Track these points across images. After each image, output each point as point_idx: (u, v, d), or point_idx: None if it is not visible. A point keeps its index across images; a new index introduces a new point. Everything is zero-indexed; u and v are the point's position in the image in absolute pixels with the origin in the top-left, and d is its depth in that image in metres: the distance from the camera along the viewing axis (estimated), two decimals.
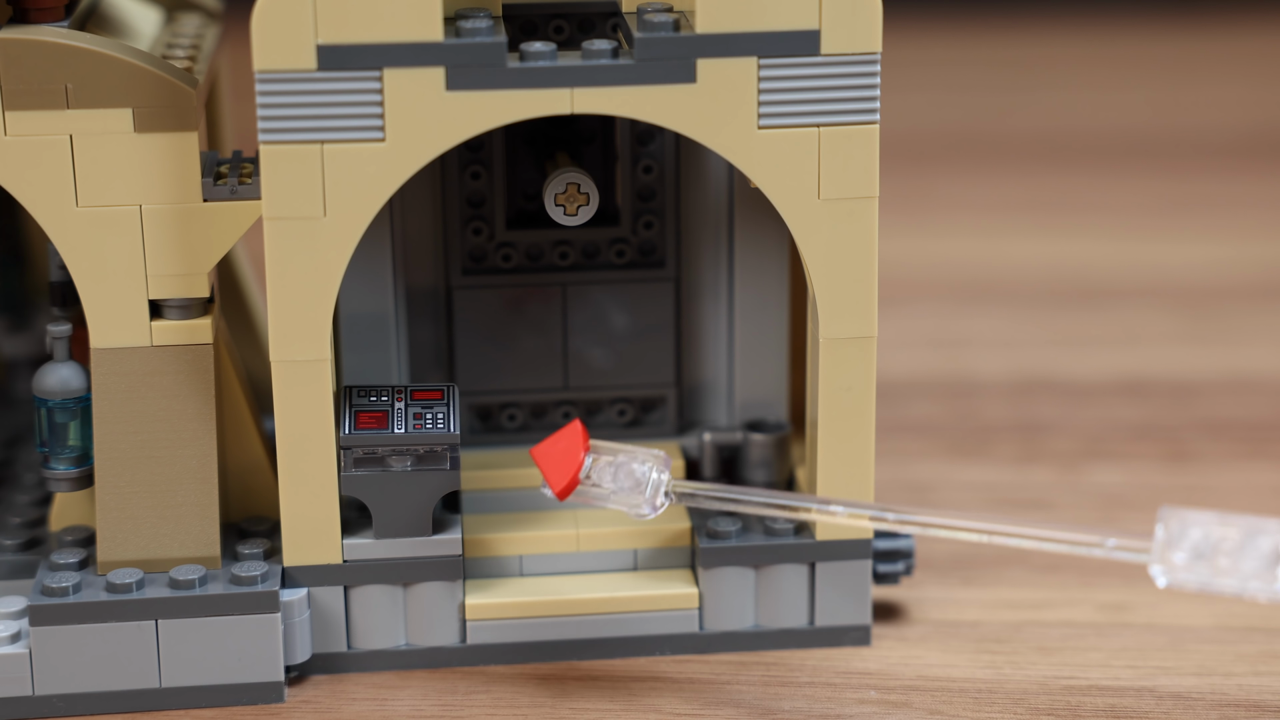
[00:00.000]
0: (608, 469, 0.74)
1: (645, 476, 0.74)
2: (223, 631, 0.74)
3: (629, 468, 0.74)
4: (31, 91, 0.72)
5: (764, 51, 0.72)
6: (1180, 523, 0.68)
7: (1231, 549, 0.67)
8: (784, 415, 0.83)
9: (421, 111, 0.71)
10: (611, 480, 0.74)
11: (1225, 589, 0.67)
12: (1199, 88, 1.67)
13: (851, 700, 0.75)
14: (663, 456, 0.74)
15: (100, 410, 0.75)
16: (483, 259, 0.81)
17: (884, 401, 0.80)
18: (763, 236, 0.81)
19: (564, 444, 0.74)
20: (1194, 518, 0.68)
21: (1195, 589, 0.68)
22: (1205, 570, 0.67)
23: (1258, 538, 0.67)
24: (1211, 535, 0.68)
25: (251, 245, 0.83)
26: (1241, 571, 0.67)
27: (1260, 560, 0.67)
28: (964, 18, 1.86)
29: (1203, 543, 0.68)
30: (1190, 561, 0.68)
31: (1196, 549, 0.68)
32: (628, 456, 0.74)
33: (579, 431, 0.74)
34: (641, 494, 0.74)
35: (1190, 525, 0.68)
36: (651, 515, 0.74)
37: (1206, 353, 1.10)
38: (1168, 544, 0.68)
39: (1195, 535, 0.68)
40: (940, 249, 1.28)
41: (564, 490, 0.74)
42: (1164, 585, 0.68)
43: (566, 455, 0.74)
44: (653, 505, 0.74)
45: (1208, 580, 0.67)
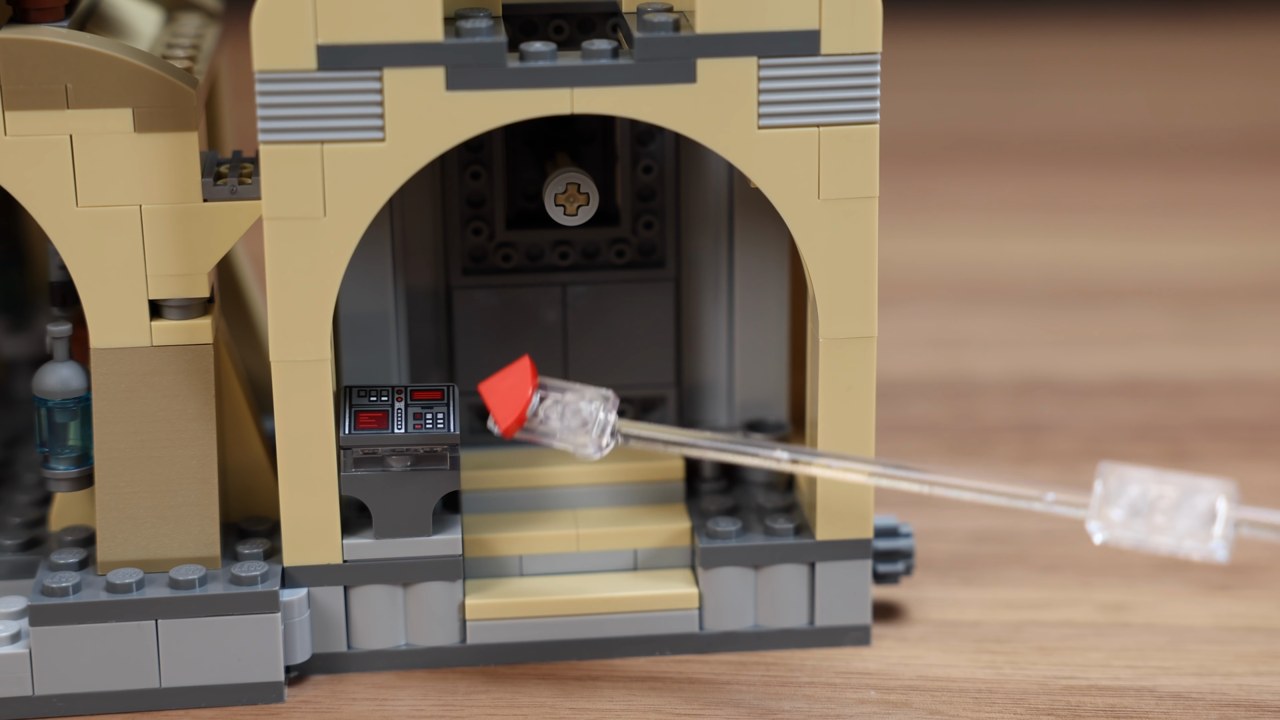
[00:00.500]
0: (555, 407, 0.74)
1: (592, 416, 0.73)
2: (223, 631, 0.74)
3: (576, 406, 0.73)
4: (31, 91, 0.72)
5: (764, 51, 0.72)
6: (1119, 479, 0.68)
7: (1168, 507, 0.67)
8: (784, 415, 0.83)
9: (421, 111, 0.71)
10: (559, 419, 0.74)
11: (1161, 546, 0.67)
12: (1199, 88, 1.67)
13: (851, 700, 0.75)
14: (610, 395, 0.74)
15: (100, 410, 0.75)
16: (483, 259, 0.81)
17: (884, 401, 0.80)
18: (763, 236, 0.81)
19: (512, 380, 0.73)
20: (1132, 474, 0.68)
21: (1131, 545, 0.68)
22: (1142, 527, 0.68)
23: (1194, 496, 0.67)
24: (1149, 493, 0.68)
25: (251, 245, 0.83)
26: (1177, 529, 0.67)
27: (1196, 518, 0.67)
28: (964, 18, 1.86)
29: (1140, 500, 0.68)
30: (1127, 518, 0.68)
31: (1134, 506, 0.68)
32: (575, 395, 0.74)
33: (527, 368, 0.73)
34: (588, 433, 0.73)
35: (1128, 482, 0.68)
36: (596, 456, 0.73)
37: (1206, 353, 1.10)
38: (1105, 500, 0.68)
39: (1133, 492, 0.68)
40: (940, 249, 1.28)
41: (510, 427, 0.73)
42: (1100, 541, 0.68)
43: (514, 392, 0.73)
44: (598, 445, 0.73)
45: (1143, 537, 0.67)
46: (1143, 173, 1.44)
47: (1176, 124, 1.57)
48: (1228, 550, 0.67)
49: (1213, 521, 0.67)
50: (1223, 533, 0.67)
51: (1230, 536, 0.67)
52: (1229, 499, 0.67)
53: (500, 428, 0.73)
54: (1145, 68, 1.73)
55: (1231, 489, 0.67)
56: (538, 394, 0.74)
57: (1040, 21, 1.85)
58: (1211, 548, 0.67)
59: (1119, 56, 1.76)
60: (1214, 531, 0.67)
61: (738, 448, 0.73)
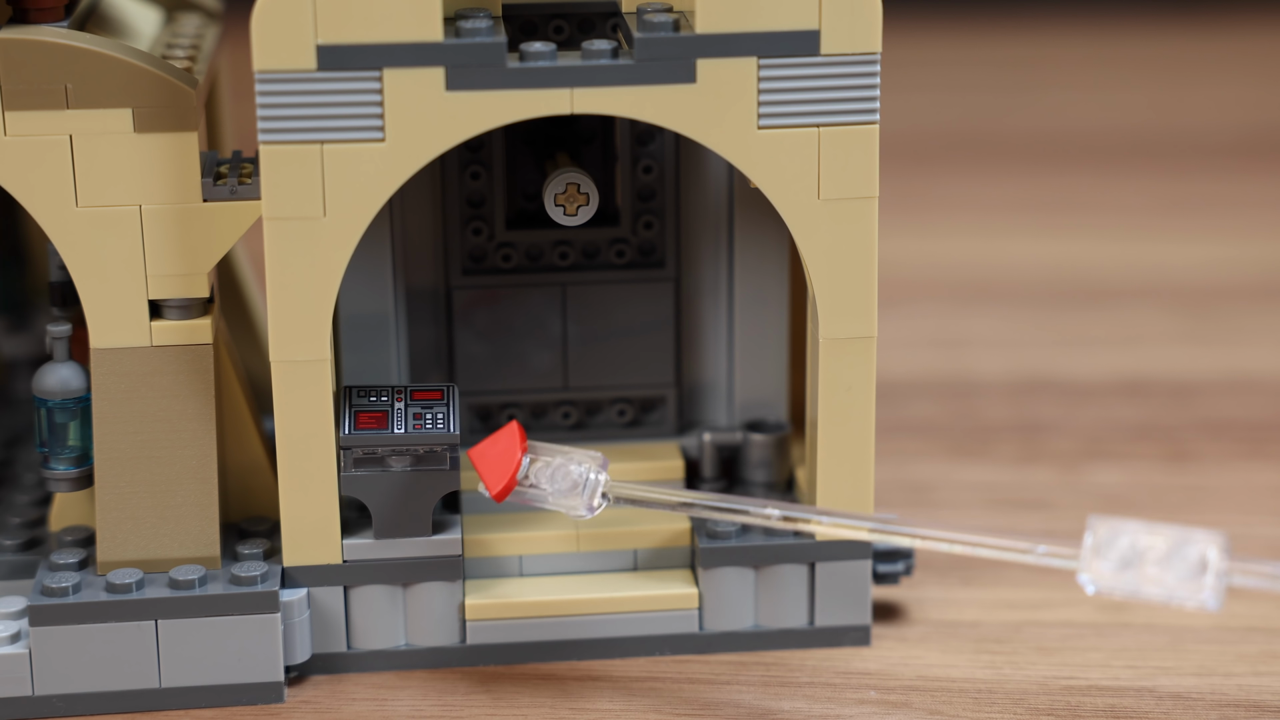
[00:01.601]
0: (545, 470, 0.74)
1: (582, 478, 0.74)
2: (223, 631, 0.74)
3: (566, 469, 0.74)
4: (31, 91, 0.72)
5: (764, 51, 0.72)
6: (1109, 530, 0.69)
7: (1158, 558, 0.68)
8: (784, 415, 0.83)
9: (421, 111, 0.71)
10: (549, 482, 0.74)
11: (1153, 596, 0.68)
12: (1199, 88, 1.67)
13: (851, 700, 0.75)
14: (599, 458, 0.74)
15: (100, 410, 0.75)
16: (483, 259, 0.81)
17: (884, 401, 0.80)
18: (763, 236, 0.81)
19: (501, 445, 0.74)
20: (1122, 526, 0.69)
21: (1124, 596, 0.69)
22: (1133, 578, 0.68)
23: (1185, 547, 0.68)
24: (1139, 543, 0.68)
25: (251, 245, 0.83)
26: (1168, 581, 0.68)
27: (1187, 569, 0.68)
28: (964, 18, 1.86)
29: (1130, 551, 0.68)
30: (1118, 570, 0.68)
31: (1124, 558, 0.69)
32: (565, 458, 0.74)
33: (515, 433, 0.74)
34: (579, 495, 0.74)
35: (1119, 534, 0.69)
36: (588, 516, 0.74)
37: (1206, 353, 1.10)
38: (1095, 551, 0.69)
39: (1123, 543, 0.69)
40: (940, 249, 1.28)
41: (501, 492, 0.73)
42: (1092, 593, 0.69)
43: (503, 457, 0.74)
44: (589, 506, 0.74)
45: (1135, 588, 0.68)
46: (1143, 173, 1.44)
47: (1177, 124, 1.57)
48: (1219, 600, 0.67)
49: (1204, 572, 0.68)
50: (1214, 583, 0.67)
51: (1221, 587, 0.67)
52: (1220, 549, 0.68)
53: (490, 492, 0.74)
54: (1145, 68, 1.73)
55: (1222, 540, 0.68)
56: (527, 457, 0.74)
57: (1040, 21, 1.85)
58: (1203, 598, 0.68)
59: (1119, 56, 1.76)
60: (1205, 582, 0.68)
61: (729, 506, 0.74)
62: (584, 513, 0.74)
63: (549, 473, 0.74)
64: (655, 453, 0.82)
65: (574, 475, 0.73)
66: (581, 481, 0.73)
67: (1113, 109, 1.61)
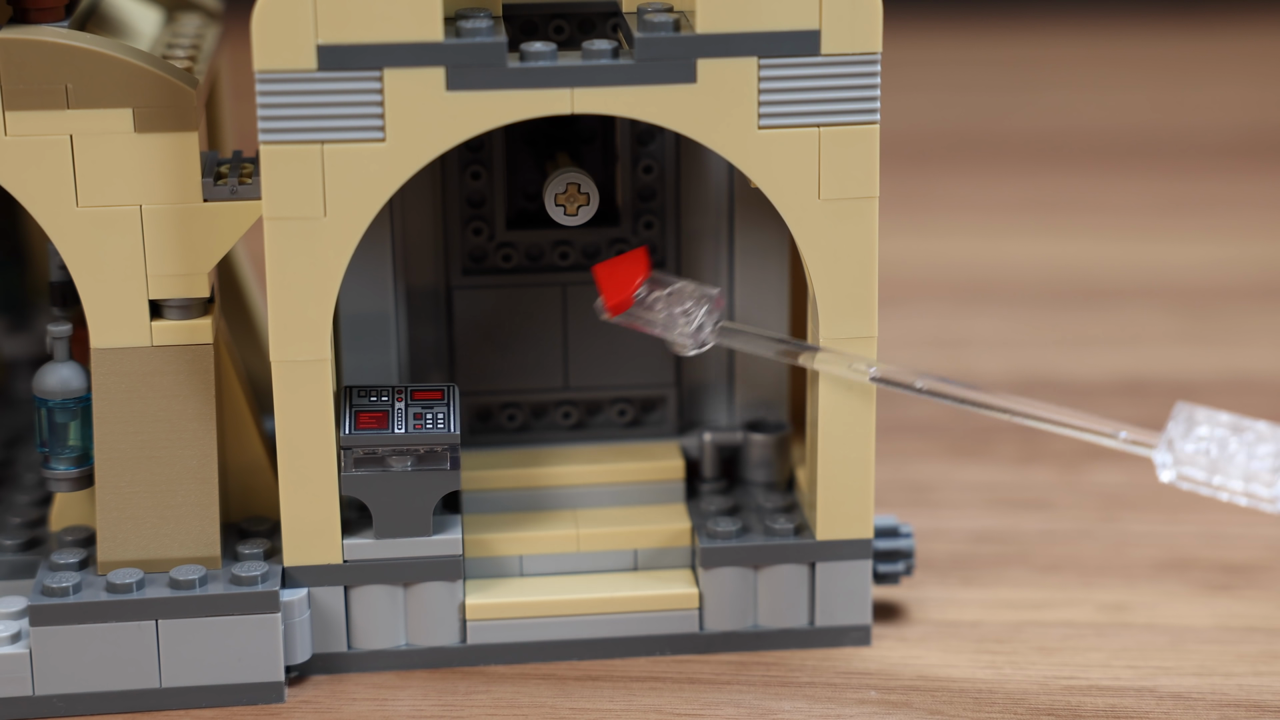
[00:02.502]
0: (662, 298, 0.75)
1: (694, 310, 0.74)
2: (223, 631, 0.74)
3: (682, 300, 0.74)
4: (31, 91, 0.72)
5: (764, 51, 0.72)
6: (1188, 419, 0.68)
7: (1236, 450, 0.67)
8: (784, 415, 0.83)
9: (421, 111, 0.71)
10: (664, 309, 0.75)
11: (1225, 487, 0.67)
12: (1199, 88, 1.67)
13: (851, 700, 0.75)
14: (714, 294, 0.75)
15: (100, 410, 0.75)
16: (483, 259, 0.81)
17: (884, 401, 0.80)
18: (763, 236, 0.81)
19: (626, 265, 0.75)
20: (1202, 415, 0.68)
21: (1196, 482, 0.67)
22: (1206, 465, 0.67)
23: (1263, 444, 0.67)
24: (1218, 434, 0.67)
25: (251, 245, 0.83)
26: (1243, 471, 0.67)
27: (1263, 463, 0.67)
28: (964, 18, 1.86)
29: (1209, 440, 0.68)
30: (1194, 455, 0.68)
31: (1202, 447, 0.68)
32: (682, 290, 0.75)
33: (643, 256, 0.75)
34: (688, 326, 0.74)
35: (1198, 423, 0.68)
36: (693, 352, 0.75)
37: (1206, 353, 1.10)
38: (1175, 438, 0.68)
39: (1202, 432, 0.68)
40: (940, 249, 1.28)
41: (616, 306, 0.75)
42: (1167, 479, 0.68)
43: (626, 275, 0.75)
44: (696, 341, 0.74)
45: (1208, 477, 0.67)
46: (1143, 173, 1.44)
47: (1177, 124, 1.57)
48: None
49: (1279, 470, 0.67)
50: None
51: None
52: None
53: (606, 305, 0.75)
54: (1145, 68, 1.73)
55: None
56: (648, 282, 0.75)
57: (1040, 21, 1.85)
58: (1273, 493, 0.66)
59: (1119, 56, 1.76)
60: None
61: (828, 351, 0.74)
62: (689, 345, 0.75)
63: (665, 301, 0.74)
64: (655, 453, 0.82)
65: (686, 306, 0.74)
66: (693, 313, 0.74)
67: (1113, 109, 1.61)
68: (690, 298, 0.75)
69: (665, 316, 0.75)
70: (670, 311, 0.75)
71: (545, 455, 0.81)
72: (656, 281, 0.76)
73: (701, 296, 0.75)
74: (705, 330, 0.75)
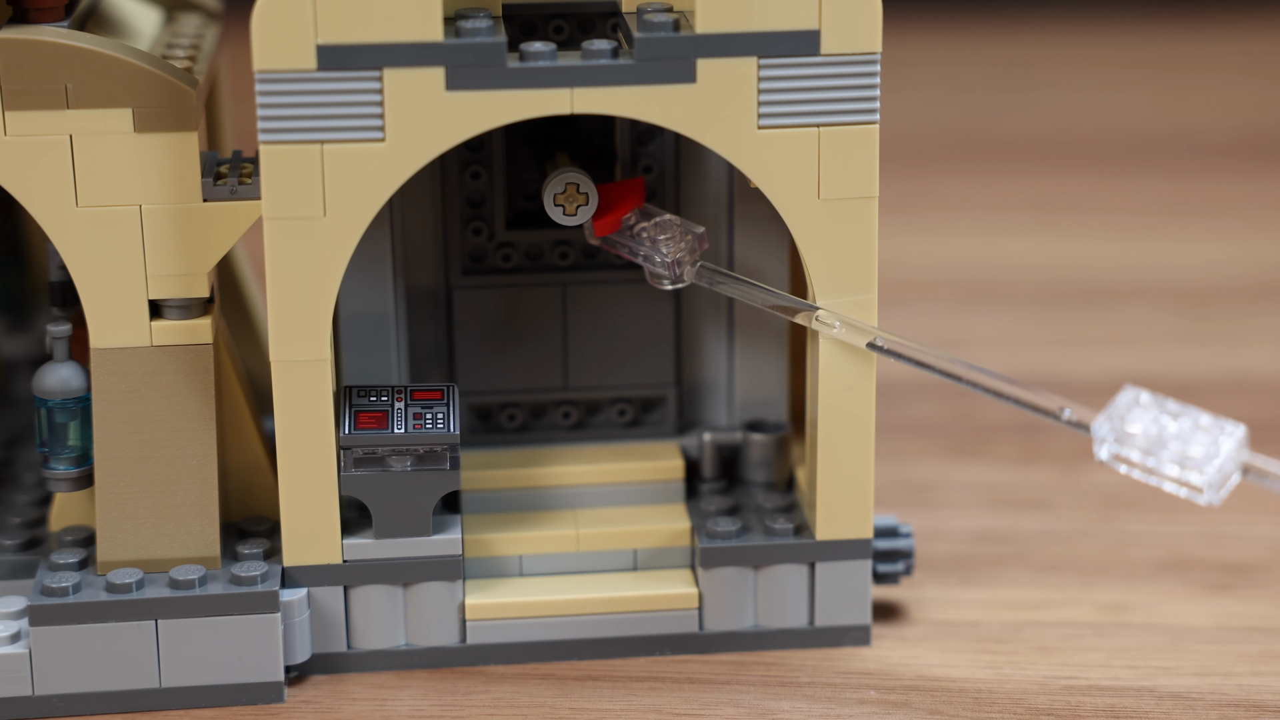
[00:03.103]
0: (648, 227, 0.75)
1: (677, 244, 0.75)
2: (223, 631, 0.74)
3: (666, 231, 0.75)
4: (31, 91, 0.72)
5: (764, 51, 0.72)
6: (1131, 400, 0.68)
7: (1176, 434, 0.67)
8: (784, 415, 0.83)
9: (421, 111, 0.71)
10: (648, 238, 0.75)
11: (1158, 470, 0.67)
12: (1199, 88, 1.67)
13: (851, 700, 0.75)
14: (700, 233, 0.75)
15: (100, 410, 0.75)
16: (483, 259, 0.81)
17: (884, 401, 0.80)
18: (763, 236, 0.81)
19: (621, 190, 0.76)
20: (1148, 399, 0.68)
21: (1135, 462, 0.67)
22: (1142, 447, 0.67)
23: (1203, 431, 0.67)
24: (1161, 419, 0.67)
25: (251, 245, 0.83)
26: (1180, 455, 0.67)
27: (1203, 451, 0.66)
28: (964, 18, 1.86)
29: (1151, 425, 0.67)
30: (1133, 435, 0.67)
31: (1146, 431, 0.68)
32: (670, 220, 0.75)
33: (639, 185, 0.76)
34: (668, 257, 0.75)
35: (1143, 405, 0.68)
36: (668, 285, 0.75)
37: (1206, 353, 1.10)
38: (1115, 415, 0.68)
39: (1145, 416, 0.68)
40: (940, 249, 1.28)
41: (603, 226, 0.76)
42: (1104, 456, 0.68)
43: (619, 200, 0.76)
44: (673, 274, 0.75)
45: (1143, 459, 0.67)
46: (1143, 173, 1.44)
47: (1176, 124, 1.57)
48: (1218, 493, 0.66)
49: (1216, 457, 0.66)
50: (1220, 469, 0.66)
51: (1227, 475, 0.66)
52: (1239, 442, 0.66)
53: (594, 225, 0.75)
54: (1145, 68, 1.73)
55: (1242, 433, 0.67)
56: (638, 211, 0.76)
57: (1040, 21, 1.85)
58: (1204, 481, 0.66)
59: (1119, 56, 1.76)
60: (1213, 466, 0.66)
61: (801, 304, 0.74)
62: (666, 276, 0.75)
63: (651, 231, 0.75)
64: (655, 453, 0.82)
65: (671, 236, 0.75)
66: (670, 247, 0.75)
67: (1113, 109, 1.61)
68: (675, 230, 0.75)
69: (648, 245, 0.75)
70: (653, 240, 0.75)
71: (545, 455, 0.81)
72: (646, 213, 0.76)
73: (685, 232, 0.75)
74: (683, 265, 0.75)
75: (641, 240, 0.75)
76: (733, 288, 0.76)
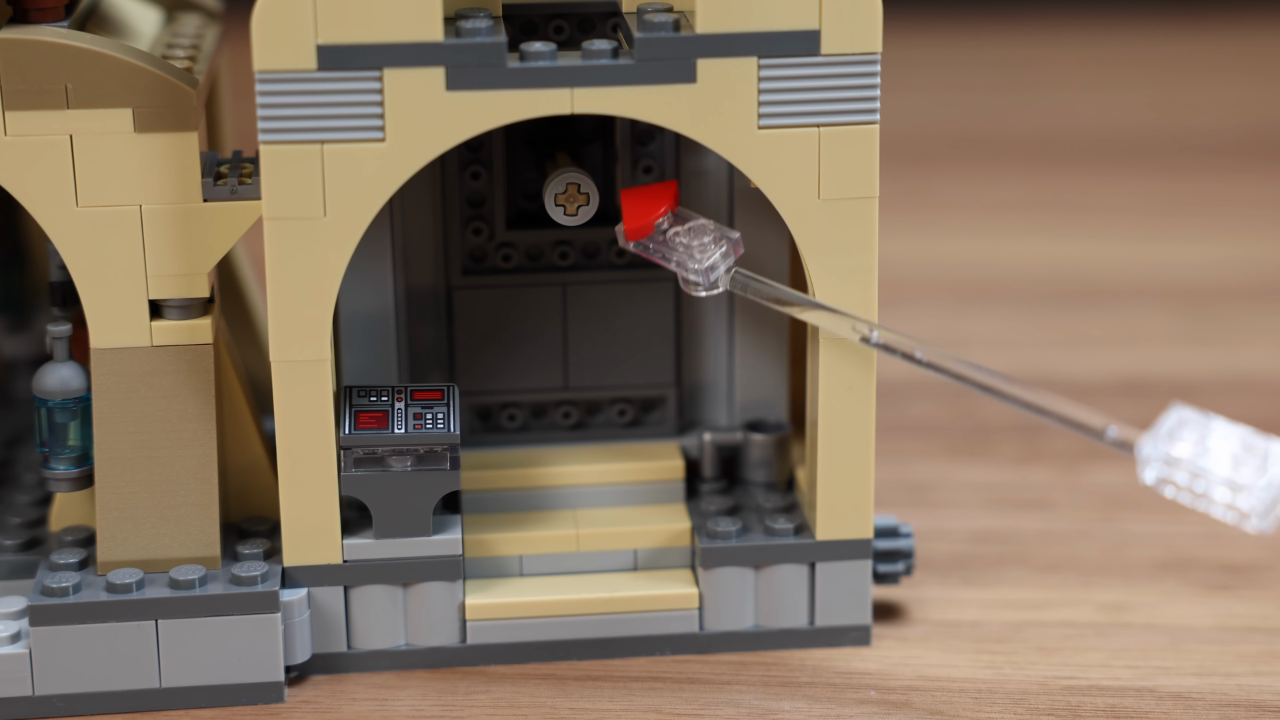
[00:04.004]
0: (681, 231, 0.75)
1: (712, 250, 0.74)
2: (223, 631, 0.74)
3: (701, 237, 0.74)
4: (31, 91, 0.72)
5: (764, 51, 0.72)
6: (1179, 420, 0.66)
7: (1226, 456, 0.65)
8: (784, 415, 0.83)
9: (421, 111, 0.71)
10: (682, 241, 0.74)
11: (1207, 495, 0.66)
12: (1199, 88, 1.67)
13: (851, 700, 0.75)
14: (736, 238, 0.75)
15: (100, 410, 0.75)
16: (483, 259, 0.81)
17: (884, 401, 0.80)
18: (763, 236, 0.81)
19: (653, 194, 0.75)
20: (1195, 418, 0.66)
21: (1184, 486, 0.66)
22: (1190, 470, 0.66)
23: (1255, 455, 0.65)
24: (1209, 441, 0.66)
25: (251, 245, 0.83)
26: (1228, 480, 0.65)
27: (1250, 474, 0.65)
28: (964, 18, 1.86)
29: (1198, 446, 0.66)
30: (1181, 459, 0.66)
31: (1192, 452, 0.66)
32: (703, 228, 0.75)
33: (672, 188, 0.75)
34: (703, 262, 0.74)
35: (1187, 425, 0.66)
36: (703, 293, 0.75)
37: (1206, 353, 1.10)
38: (1162, 436, 0.66)
39: (1192, 434, 0.66)
40: (940, 249, 1.28)
41: (635, 231, 0.75)
42: (1151, 480, 0.67)
43: (651, 203, 0.75)
44: (708, 281, 0.74)
45: (1190, 482, 0.66)
46: (1143, 173, 1.44)
47: (1176, 124, 1.57)
48: (1266, 519, 0.64)
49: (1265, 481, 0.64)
50: (1270, 492, 0.64)
51: (1277, 500, 0.64)
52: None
53: (625, 228, 0.75)
54: (1145, 68, 1.73)
55: None
56: (670, 215, 0.75)
57: (1040, 21, 1.85)
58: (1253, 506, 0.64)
59: (1119, 56, 1.76)
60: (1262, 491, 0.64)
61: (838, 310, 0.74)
62: (700, 283, 0.74)
63: (685, 237, 0.74)
64: (655, 453, 0.82)
65: (706, 242, 0.74)
66: (706, 254, 0.74)
67: (1113, 109, 1.61)
68: (709, 236, 0.74)
69: (682, 250, 0.74)
70: (687, 246, 0.74)
71: (545, 455, 0.81)
72: (680, 216, 0.75)
73: (721, 237, 0.74)
74: (718, 271, 0.74)
75: (675, 246, 0.75)
76: (768, 293, 0.75)
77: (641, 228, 0.75)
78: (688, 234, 0.74)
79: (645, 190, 0.76)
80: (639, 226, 0.75)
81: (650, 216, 0.75)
